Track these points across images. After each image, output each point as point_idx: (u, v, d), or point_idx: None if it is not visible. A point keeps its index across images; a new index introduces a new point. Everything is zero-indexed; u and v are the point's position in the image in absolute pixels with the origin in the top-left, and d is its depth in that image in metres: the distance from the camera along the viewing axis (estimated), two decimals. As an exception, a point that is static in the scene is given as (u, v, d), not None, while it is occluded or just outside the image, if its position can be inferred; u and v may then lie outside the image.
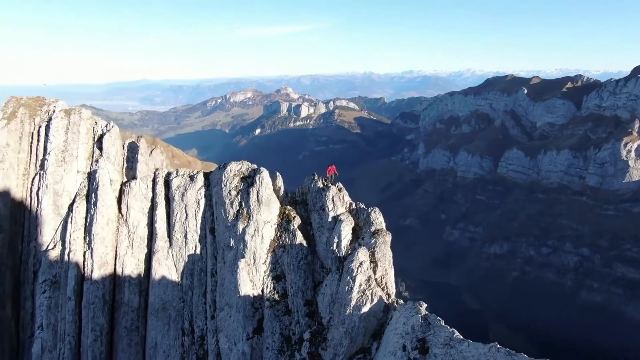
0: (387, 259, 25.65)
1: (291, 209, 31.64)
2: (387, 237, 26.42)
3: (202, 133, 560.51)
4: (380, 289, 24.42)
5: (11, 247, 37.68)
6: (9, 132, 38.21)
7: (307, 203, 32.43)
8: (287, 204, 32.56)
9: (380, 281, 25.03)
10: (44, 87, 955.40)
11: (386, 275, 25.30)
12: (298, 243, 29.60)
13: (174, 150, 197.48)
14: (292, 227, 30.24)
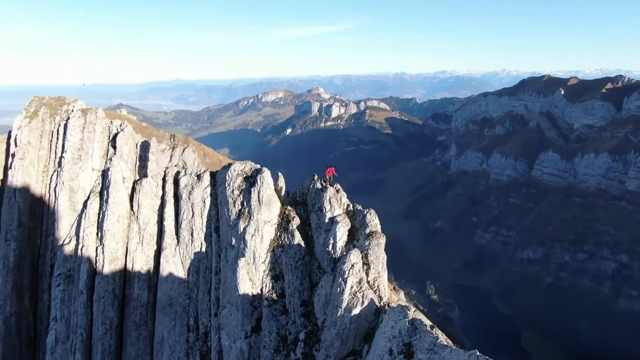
0: (381, 262, 25.41)
1: (291, 209, 31.63)
2: (381, 239, 26.23)
3: (234, 132, 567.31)
4: (372, 292, 24.17)
5: (30, 241, 39.24)
6: (30, 131, 39.75)
7: (307, 204, 32.38)
8: (288, 204, 32.60)
9: (373, 283, 24.79)
10: (83, 87, 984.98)
11: (379, 277, 25.06)
12: (296, 243, 29.62)
13: (206, 149, 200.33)
14: (291, 227, 30.28)
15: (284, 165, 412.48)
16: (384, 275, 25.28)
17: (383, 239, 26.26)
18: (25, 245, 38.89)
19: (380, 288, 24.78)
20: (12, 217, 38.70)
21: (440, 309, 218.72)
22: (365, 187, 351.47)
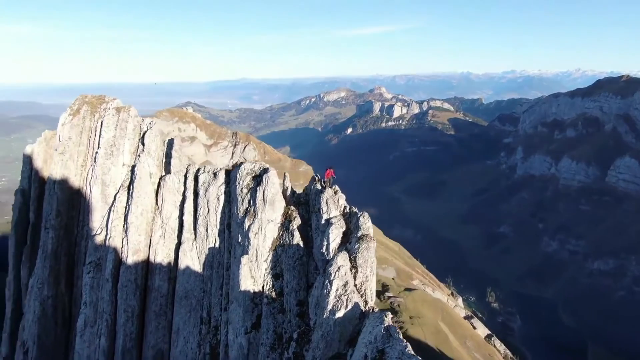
0: (369, 265, 25.09)
1: (294, 209, 31.76)
2: (371, 243, 25.90)
3: (296, 131, 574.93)
4: (358, 295, 23.97)
5: (67, 230, 42.20)
6: (71, 127, 42.57)
7: (309, 204, 32.57)
8: (292, 205, 32.79)
9: (360, 287, 24.57)
10: (154, 86, 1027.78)
11: (366, 281, 24.77)
12: (295, 243, 29.79)
13: (266, 147, 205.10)
14: (292, 227, 30.45)
15: (343, 165, 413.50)
16: (372, 280, 25.01)
17: (373, 242, 26.02)
18: (62, 234, 41.87)
19: (367, 292, 24.54)
20: (51, 207, 41.79)
21: (501, 317, 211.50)
22: (425, 189, 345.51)
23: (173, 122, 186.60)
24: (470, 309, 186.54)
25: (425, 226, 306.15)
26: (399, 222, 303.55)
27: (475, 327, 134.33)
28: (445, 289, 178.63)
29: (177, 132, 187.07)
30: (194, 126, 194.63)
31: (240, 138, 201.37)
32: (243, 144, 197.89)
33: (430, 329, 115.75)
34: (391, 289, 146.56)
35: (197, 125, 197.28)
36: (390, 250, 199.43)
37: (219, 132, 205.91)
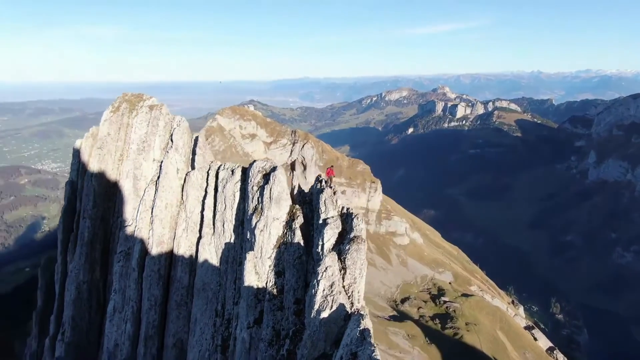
0: (358, 267, 24.64)
1: (298, 208, 31.76)
2: (361, 244, 25.53)
3: (356, 130, 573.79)
4: (344, 297, 23.69)
5: (103, 220, 44.98)
6: (110, 124, 45.23)
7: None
8: (298, 203, 32.84)
9: (347, 289, 24.23)
10: (220, 84, 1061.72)
11: (354, 283, 24.37)
12: (296, 242, 29.86)
13: (324, 146, 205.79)
14: (294, 226, 30.51)
15: (403, 165, 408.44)
16: (361, 282, 24.68)
17: (364, 244, 25.67)
18: (98, 224, 44.77)
19: (355, 294, 24.25)
20: (88, 198, 44.78)
21: (565, 330, 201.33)
22: (487, 192, 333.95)
23: (234, 120, 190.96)
24: (532, 319, 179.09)
25: (487, 231, 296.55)
26: (458, 226, 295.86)
27: (536, 338, 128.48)
28: (506, 297, 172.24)
29: (238, 129, 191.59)
30: (255, 124, 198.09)
31: (299, 136, 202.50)
32: (301, 142, 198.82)
33: (487, 337, 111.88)
34: (447, 293, 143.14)
35: (257, 123, 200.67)
36: (448, 253, 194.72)
37: (279, 130, 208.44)
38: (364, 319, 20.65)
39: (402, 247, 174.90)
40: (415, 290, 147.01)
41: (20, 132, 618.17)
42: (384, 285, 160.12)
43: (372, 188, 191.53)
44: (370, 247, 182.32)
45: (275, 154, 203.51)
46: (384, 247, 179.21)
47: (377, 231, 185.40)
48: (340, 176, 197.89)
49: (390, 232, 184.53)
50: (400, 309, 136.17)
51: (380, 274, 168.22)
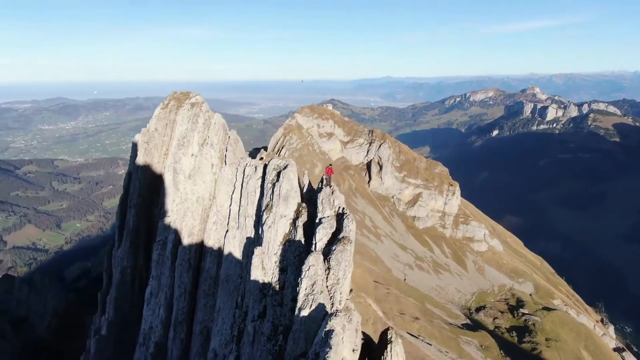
0: (342, 268, 24.43)
1: (304, 207, 31.81)
2: (347, 245, 25.34)
3: (437, 131, 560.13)
4: (325, 296, 23.50)
5: (147, 211, 47.69)
6: (158, 120, 48.00)
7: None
8: (305, 201, 32.91)
9: (330, 289, 24.13)
10: (302, 83, 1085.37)
11: (337, 284, 24.18)
12: (297, 239, 30.02)
13: (401, 146, 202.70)
14: (297, 224, 30.68)
15: (486, 168, 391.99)
16: (345, 282, 24.41)
17: (350, 245, 25.44)
18: (142, 213, 47.68)
19: (336, 294, 24.06)
20: (134, 189, 47.73)
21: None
22: (579, 200, 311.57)
23: (313, 118, 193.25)
24: (624, 340, 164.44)
25: (577, 242, 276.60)
26: (544, 234, 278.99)
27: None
28: (594, 315, 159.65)
29: (316, 128, 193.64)
30: (332, 123, 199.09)
31: (376, 136, 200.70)
32: (378, 142, 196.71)
33: (568, 356, 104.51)
34: (527, 305, 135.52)
35: (335, 122, 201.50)
36: (529, 263, 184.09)
37: (356, 129, 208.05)
38: (332, 320, 20.68)
39: (480, 254, 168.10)
40: (492, 300, 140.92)
41: (120, 126, 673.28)
42: (458, 292, 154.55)
43: (449, 191, 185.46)
44: (446, 252, 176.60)
45: (352, 153, 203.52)
46: (459, 253, 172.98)
47: (453, 236, 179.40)
48: (417, 177, 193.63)
49: (467, 237, 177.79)
50: (475, 317, 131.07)
51: (455, 280, 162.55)
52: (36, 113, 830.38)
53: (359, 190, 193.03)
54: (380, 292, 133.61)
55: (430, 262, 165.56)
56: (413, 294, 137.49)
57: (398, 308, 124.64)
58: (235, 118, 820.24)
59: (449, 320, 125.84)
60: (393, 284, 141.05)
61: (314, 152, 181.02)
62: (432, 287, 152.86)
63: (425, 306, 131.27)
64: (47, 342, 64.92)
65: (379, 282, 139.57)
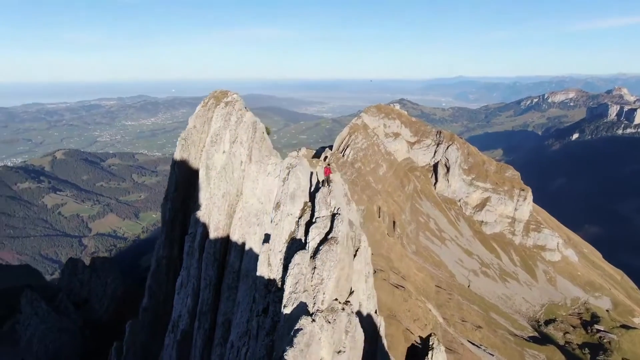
0: (327, 268, 24.07)
1: (309, 205, 31.81)
2: (334, 246, 25.04)
3: (511, 133, 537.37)
4: (308, 296, 23.44)
5: (183, 204, 49.93)
6: (197, 117, 50.19)
7: None
8: (311, 200, 32.77)
9: (313, 288, 23.97)
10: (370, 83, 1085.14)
11: (320, 284, 23.89)
12: (299, 238, 30.01)
13: (470, 148, 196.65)
14: (300, 222, 30.73)
15: (564, 174, 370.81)
16: (328, 283, 24.00)
17: (336, 246, 25.11)
18: (178, 206, 49.97)
19: (319, 295, 23.77)
20: (172, 184, 50.27)
21: None
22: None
23: (379, 118, 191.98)
24: None
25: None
26: (627, 247, 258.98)
27: None
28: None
29: (382, 127, 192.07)
30: (399, 123, 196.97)
31: (444, 137, 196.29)
32: (446, 143, 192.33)
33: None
34: (603, 321, 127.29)
35: (402, 122, 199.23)
36: (608, 277, 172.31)
37: (423, 129, 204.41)
38: (302, 320, 20.76)
39: (552, 264, 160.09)
40: (563, 313, 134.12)
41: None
42: (526, 302, 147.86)
43: (520, 196, 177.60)
44: (514, 260, 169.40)
45: (418, 154, 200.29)
46: (529, 261, 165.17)
47: (523, 243, 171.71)
48: (486, 181, 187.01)
49: (538, 245, 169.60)
50: (543, 330, 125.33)
51: (523, 290, 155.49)
52: (121, 110, 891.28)
53: (425, 192, 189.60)
54: (442, 297, 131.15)
55: (496, 270, 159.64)
56: (477, 302, 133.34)
57: (460, 315, 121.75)
58: (304, 117, 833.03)
59: (514, 331, 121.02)
60: (456, 289, 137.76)
61: (379, 152, 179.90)
62: (498, 296, 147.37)
63: (490, 315, 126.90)
64: (105, 323, 69.40)
65: (441, 287, 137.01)
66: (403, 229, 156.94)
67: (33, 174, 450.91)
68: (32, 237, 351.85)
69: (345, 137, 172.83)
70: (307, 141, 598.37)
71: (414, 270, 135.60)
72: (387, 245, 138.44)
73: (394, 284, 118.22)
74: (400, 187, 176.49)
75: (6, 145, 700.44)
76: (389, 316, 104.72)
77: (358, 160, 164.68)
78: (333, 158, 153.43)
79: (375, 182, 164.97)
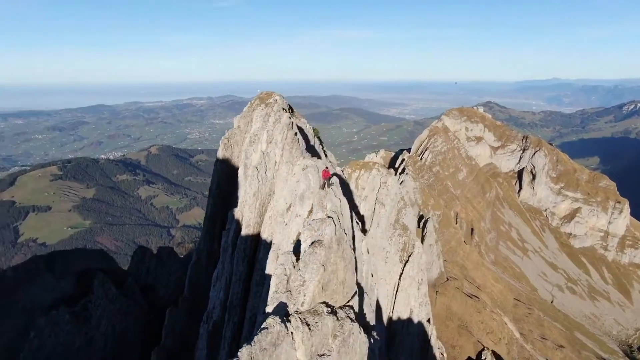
0: (309, 270, 23.89)
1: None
2: (317, 249, 24.80)
3: (610, 140, 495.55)
4: (288, 297, 23.38)
5: (225, 200, 51.40)
6: (242, 117, 52.29)
7: None
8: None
9: (294, 290, 23.89)
10: (455, 85, 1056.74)
11: (301, 286, 23.74)
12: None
13: (559, 155, 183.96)
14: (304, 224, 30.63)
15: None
16: (310, 285, 23.80)
17: (321, 249, 24.88)
18: (219, 202, 51.64)
19: (299, 297, 23.61)
20: (214, 181, 52.45)
21: None
22: None
23: (461, 121, 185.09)
24: None
25: None
26: None
27: None
28: None
29: (464, 131, 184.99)
30: (482, 126, 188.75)
31: (531, 142, 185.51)
32: (533, 149, 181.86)
33: None
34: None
35: (485, 125, 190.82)
36: None
37: (508, 134, 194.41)
38: (269, 319, 20.94)
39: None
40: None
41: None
42: (617, 324, 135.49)
43: (616, 208, 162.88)
44: (606, 277, 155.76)
45: (501, 159, 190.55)
46: (623, 280, 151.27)
47: (617, 260, 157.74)
48: (577, 191, 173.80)
49: (635, 263, 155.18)
50: (637, 357, 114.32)
51: (615, 311, 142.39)
52: (210, 109, 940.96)
53: (507, 200, 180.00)
54: (521, 311, 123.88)
55: (585, 287, 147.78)
56: (560, 319, 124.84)
57: (540, 332, 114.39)
58: (384, 118, 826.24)
59: (602, 354, 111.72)
60: (537, 304, 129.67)
61: (459, 156, 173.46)
62: (585, 315, 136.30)
63: (574, 334, 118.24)
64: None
65: (520, 301, 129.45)
66: (482, 237, 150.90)
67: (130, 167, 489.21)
68: (127, 225, 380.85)
69: (424, 140, 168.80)
70: (387, 143, 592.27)
71: (490, 281, 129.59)
72: (463, 253, 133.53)
73: (468, 294, 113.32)
74: (480, 194, 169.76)
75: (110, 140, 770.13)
76: (460, 326, 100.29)
77: (436, 164, 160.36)
78: (410, 161, 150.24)
79: (454, 187, 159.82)
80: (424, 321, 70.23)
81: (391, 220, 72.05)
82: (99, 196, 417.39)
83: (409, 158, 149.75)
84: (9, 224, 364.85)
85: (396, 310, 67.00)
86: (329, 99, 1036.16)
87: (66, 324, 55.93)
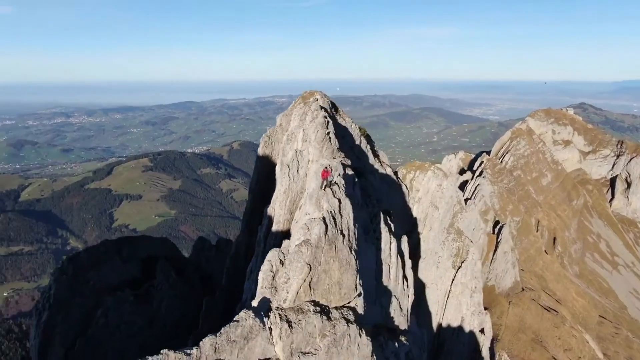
0: (294, 268, 24.21)
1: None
2: (303, 248, 24.97)
3: None
4: (275, 294, 23.85)
5: (263, 195, 52.03)
6: (284, 116, 53.31)
7: None
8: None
9: (278, 286, 24.41)
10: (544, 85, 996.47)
11: (285, 284, 24.14)
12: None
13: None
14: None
15: None
16: (294, 283, 24.05)
17: (306, 248, 24.98)
18: (258, 198, 52.64)
19: (282, 293, 23.99)
20: (254, 177, 54.25)
21: None
22: None
23: (547, 123, 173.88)
24: None
25: None
26: None
27: None
28: None
29: (550, 134, 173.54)
30: (571, 129, 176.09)
31: (627, 148, 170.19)
32: (629, 155, 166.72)
33: None
34: None
35: (574, 128, 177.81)
36: None
37: (601, 138, 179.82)
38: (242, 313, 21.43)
39: None
40: None
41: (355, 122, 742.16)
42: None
43: None
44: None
45: (592, 165, 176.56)
46: None
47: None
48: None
49: None
50: None
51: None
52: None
53: (597, 209, 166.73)
54: (606, 330, 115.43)
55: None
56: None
57: (628, 354, 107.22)
58: (467, 119, 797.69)
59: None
60: (625, 324, 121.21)
61: (544, 161, 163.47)
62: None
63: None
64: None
65: (606, 319, 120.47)
66: (565, 247, 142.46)
67: (214, 161, 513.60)
68: (208, 216, 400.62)
69: (505, 142, 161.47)
70: (469, 145, 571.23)
71: (572, 295, 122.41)
72: (543, 263, 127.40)
73: (545, 307, 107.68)
74: (566, 201, 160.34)
75: (196, 135, 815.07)
76: (534, 340, 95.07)
77: (518, 167, 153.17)
78: (489, 164, 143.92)
79: (537, 192, 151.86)
80: (476, 331, 67.41)
81: (445, 224, 70.49)
82: (184, 188, 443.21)
83: (487, 161, 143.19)
84: (105, 210, 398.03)
85: (446, 317, 65.78)
86: (409, 98, 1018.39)
87: (130, 304, 59.23)
